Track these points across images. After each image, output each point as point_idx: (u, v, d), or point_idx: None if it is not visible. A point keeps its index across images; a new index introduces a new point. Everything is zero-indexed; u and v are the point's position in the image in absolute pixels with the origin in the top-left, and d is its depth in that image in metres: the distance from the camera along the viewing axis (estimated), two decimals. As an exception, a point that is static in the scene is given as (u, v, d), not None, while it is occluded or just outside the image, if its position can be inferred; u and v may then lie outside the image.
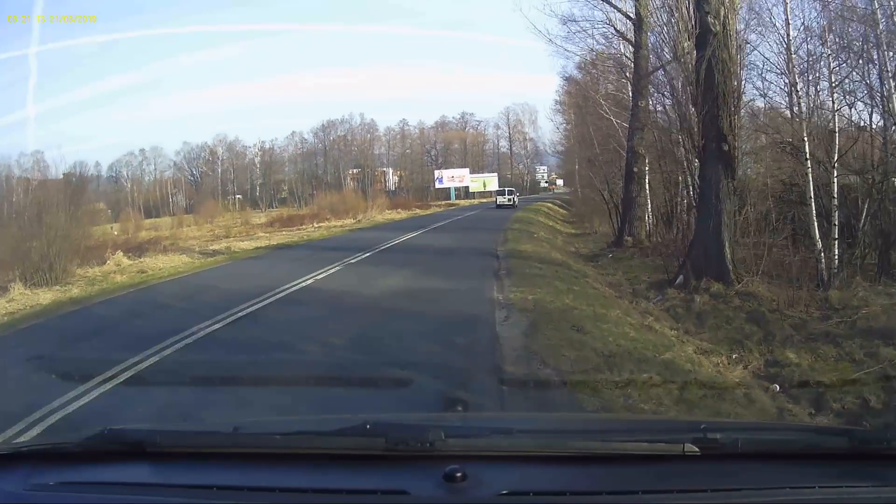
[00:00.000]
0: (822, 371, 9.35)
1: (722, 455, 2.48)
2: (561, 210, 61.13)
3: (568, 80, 39.65)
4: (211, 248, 30.09)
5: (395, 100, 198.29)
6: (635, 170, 25.83)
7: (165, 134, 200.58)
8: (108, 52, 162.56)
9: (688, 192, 24.15)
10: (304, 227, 47.42)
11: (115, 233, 52.35)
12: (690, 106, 15.57)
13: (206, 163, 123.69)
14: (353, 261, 20.20)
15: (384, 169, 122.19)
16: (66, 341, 11.28)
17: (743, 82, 16.83)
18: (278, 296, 13.86)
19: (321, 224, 48.68)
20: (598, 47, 28.39)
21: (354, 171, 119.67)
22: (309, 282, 15.81)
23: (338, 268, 18.39)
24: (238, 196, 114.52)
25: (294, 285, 15.18)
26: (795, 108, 17.36)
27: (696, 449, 2.44)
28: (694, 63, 14.92)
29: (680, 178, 24.95)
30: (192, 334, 10.30)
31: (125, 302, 15.28)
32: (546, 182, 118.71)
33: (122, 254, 25.07)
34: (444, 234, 33.14)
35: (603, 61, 30.34)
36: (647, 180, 26.79)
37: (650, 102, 25.23)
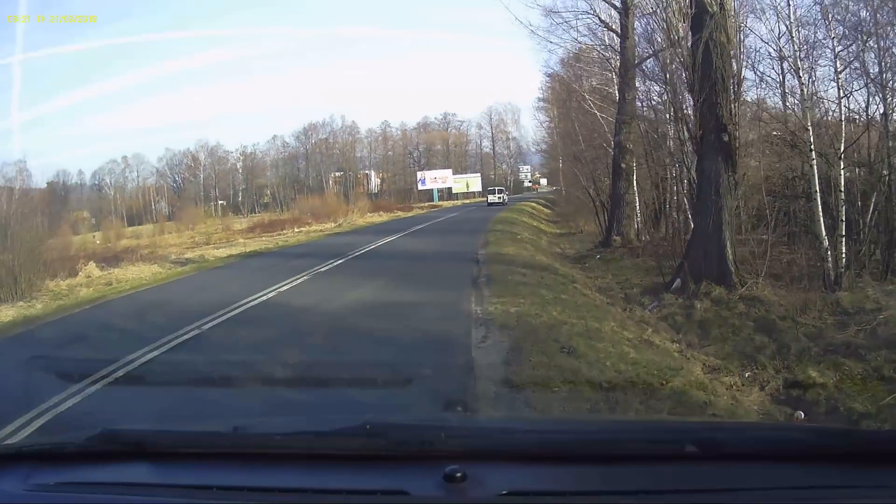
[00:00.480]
0: (851, 393, 8.09)
1: (722, 455, 2.46)
2: (545, 209, 59.93)
3: (551, 76, 38.96)
4: (185, 256, 29.26)
5: (376, 101, 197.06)
6: (623, 165, 24.55)
7: (148, 140, 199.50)
8: (89, 60, 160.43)
9: (678, 189, 23.18)
10: (284, 232, 46.94)
11: (98, 241, 52.65)
12: (686, 93, 14.33)
13: (188, 169, 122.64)
14: (322, 269, 18.83)
15: (367, 171, 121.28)
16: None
17: (743, 69, 15.56)
18: (232, 313, 12.44)
19: (302, 229, 48.00)
20: (582, 39, 27.13)
21: (337, 174, 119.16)
22: (270, 295, 14.43)
23: (305, 278, 17.02)
24: (221, 202, 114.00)
25: (253, 300, 13.80)
26: (797, 96, 16.16)
27: (696, 449, 2.43)
28: (690, 46, 13.67)
29: (669, 173, 23.97)
30: (123, 365, 8.85)
31: (75, 321, 14.14)
32: (529, 181, 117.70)
33: (94, 265, 24.13)
34: (423, 237, 31.83)
35: (588, 52, 29.24)
36: (634, 176, 25.54)
37: (638, 95, 24.13)
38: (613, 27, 25.20)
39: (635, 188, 25.83)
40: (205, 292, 16.69)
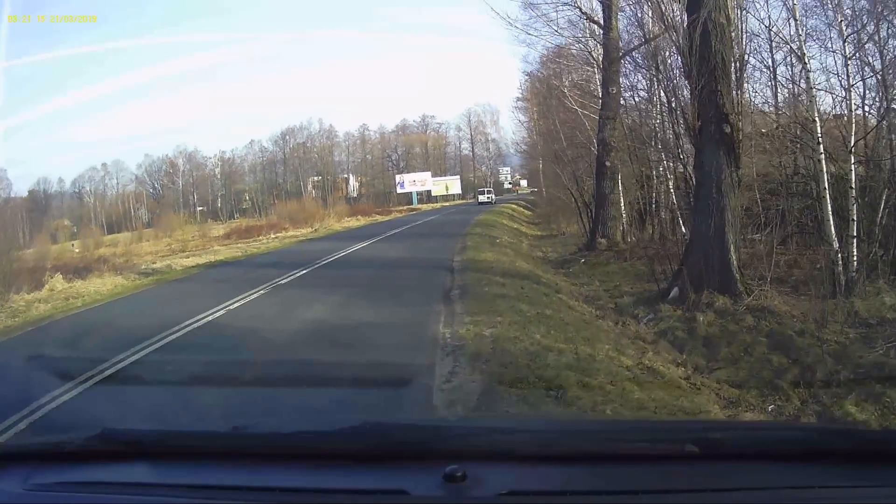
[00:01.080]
0: (901, 434, 6.67)
1: (722, 455, 2.43)
2: (525, 211, 59.03)
3: (530, 76, 38.19)
4: (152, 266, 28.08)
5: (354, 105, 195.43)
6: (607, 164, 22.99)
7: (128, 146, 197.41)
8: (68, 67, 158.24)
9: (665, 188, 21.90)
10: (259, 238, 46.16)
11: (76, 250, 51.98)
12: (683, 81, 12.91)
13: (167, 175, 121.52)
14: (283, 281, 17.28)
15: (345, 176, 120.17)
16: None
17: (746, 54, 14.14)
18: (168, 339, 10.75)
19: (278, 235, 47.41)
20: (562, 31, 25.69)
21: (316, 178, 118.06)
22: (218, 314, 12.83)
23: (262, 292, 15.44)
24: (200, 208, 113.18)
25: (198, 320, 12.20)
26: (801, 85, 14.79)
27: (696, 449, 2.38)
28: (686, 27, 12.25)
29: (656, 171, 22.72)
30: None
31: (7, 346, 12.89)
32: (510, 183, 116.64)
33: (60, 277, 23.04)
34: (397, 242, 30.25)
35: (568, 48, 27.94)
36: (619, 175, 24.08)
37: (622, 89, 22.81)
38: (596, 18, 23.74)
39: (620, 188, 24.48)
40: (152, 310, 15.24)
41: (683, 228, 18.19)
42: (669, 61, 14.21)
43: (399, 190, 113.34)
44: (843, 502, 2.19)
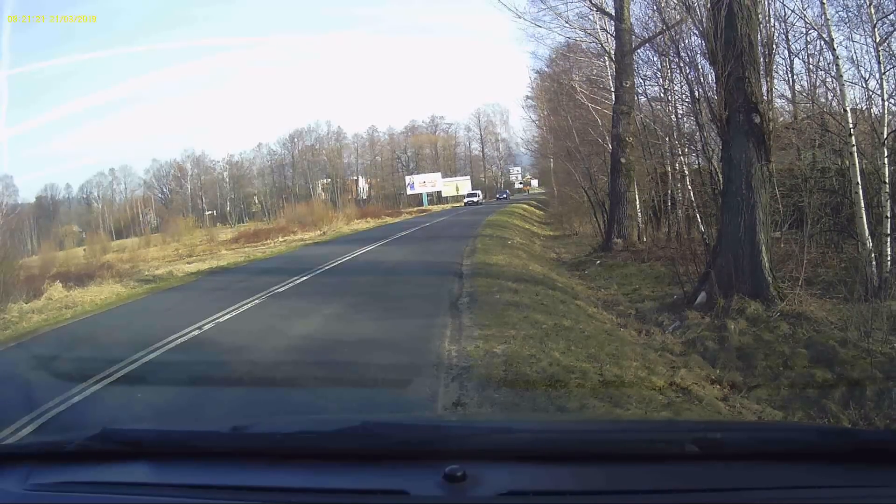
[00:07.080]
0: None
1: (722, 455, 2.42)
2: (537, 211, 58.29)
3: (540, 73, 38.04)
4: (154, 273, 27.44)
5: (362, 106, 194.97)
6: (623, 160, 22.10)
7: (136, 152, 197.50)
8: (74, 74, 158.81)
9: (684, 185, 20.94)
10: (267, 241, 45.95)
11: (84, 256, 52.12)
12: (707, 67, 12.05)
13: (175, 179, 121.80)
14: (281, 289, 16.40)
15: (355, 178, 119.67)
16: None
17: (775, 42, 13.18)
18: (148, 357, 9.85)
19: (286, 238, 46.84)
20: (572, 24, 24.76)
21: (325, 181, 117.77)
22: (207, 327, 11.98)
23: (256, 302, 14.56)
24: (210, 212, 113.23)
25: (184, 334, 11.33)
26: (833, 73, 13.78)
27: (697, 449, 2.37)
28: (709, 7, 11.36)
29: (672, 167, 21.78)
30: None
31: None
32: (521, 183, 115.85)
33: (59, 285, 22.46)
34: (405, 245, 29.26)
35: (579, 43, 27.08)
36: (634, 172, 23.20)
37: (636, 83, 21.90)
38: (607, 10, 22.87)
39: (635, 185, 23.61)
40: (137, 324, 14.42)
41: (702, 227, 17.25)
42: (691, 48, 13.29)
43: (409, 191, 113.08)
44: (843, 502, 2.17)
